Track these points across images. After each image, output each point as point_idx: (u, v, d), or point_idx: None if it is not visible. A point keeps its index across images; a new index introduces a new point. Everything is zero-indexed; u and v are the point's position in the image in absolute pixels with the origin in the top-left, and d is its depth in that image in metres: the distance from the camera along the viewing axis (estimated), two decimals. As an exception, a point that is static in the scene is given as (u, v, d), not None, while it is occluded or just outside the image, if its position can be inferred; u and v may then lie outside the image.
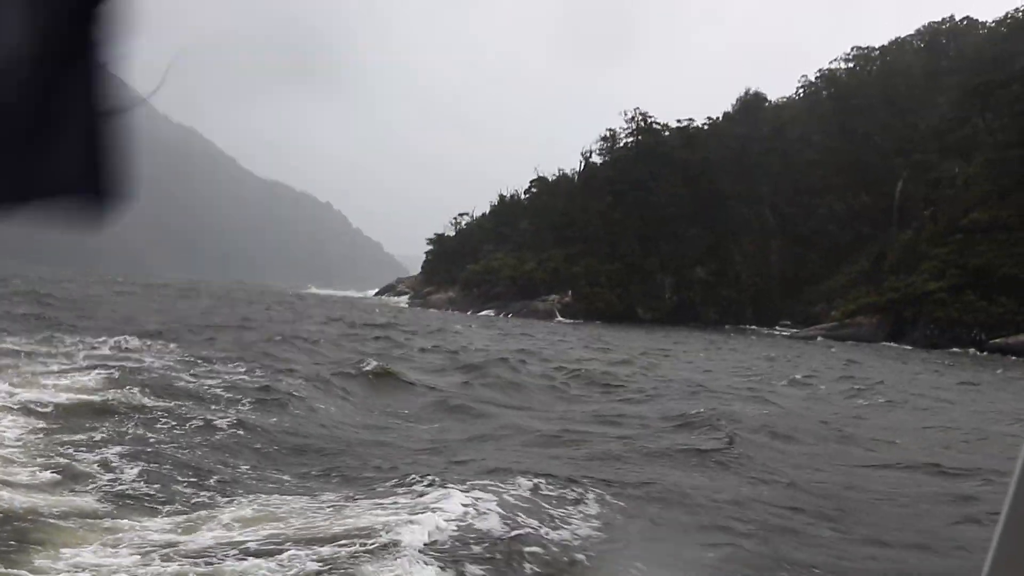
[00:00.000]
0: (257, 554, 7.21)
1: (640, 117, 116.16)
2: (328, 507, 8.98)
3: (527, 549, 7.81)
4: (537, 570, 7.47)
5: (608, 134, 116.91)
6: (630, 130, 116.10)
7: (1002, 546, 1.27)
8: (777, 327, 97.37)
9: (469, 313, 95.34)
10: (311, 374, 19.70)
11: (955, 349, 73.55)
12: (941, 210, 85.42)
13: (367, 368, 21.32)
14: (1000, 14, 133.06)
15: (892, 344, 76.85)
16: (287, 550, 7.28)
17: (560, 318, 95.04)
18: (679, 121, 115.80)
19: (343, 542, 7.54)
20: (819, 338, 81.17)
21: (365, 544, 7.47)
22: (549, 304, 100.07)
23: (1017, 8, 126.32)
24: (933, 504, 11.17)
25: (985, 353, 70.89)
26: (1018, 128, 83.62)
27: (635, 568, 7.69)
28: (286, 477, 10.59)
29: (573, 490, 10.14)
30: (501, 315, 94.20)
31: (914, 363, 49.80)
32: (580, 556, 7.87)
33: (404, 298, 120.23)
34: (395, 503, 9.12)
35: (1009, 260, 76.20)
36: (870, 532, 9.65)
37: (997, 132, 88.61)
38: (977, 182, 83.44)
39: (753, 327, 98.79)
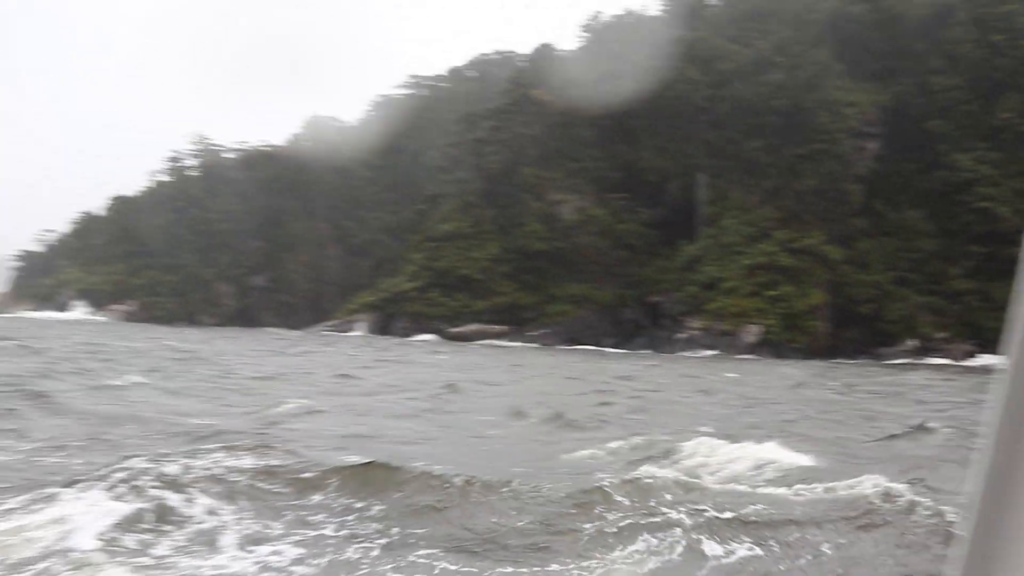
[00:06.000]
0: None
1: (201, 139, 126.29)
2: None
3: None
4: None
5: (174, 155, 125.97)
6: (194, 151, 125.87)
7: None
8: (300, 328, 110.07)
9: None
10: None
11: (426, 337, 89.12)
12: (423, 223, 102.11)
13: None
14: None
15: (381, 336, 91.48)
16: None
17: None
18: (237, 143, 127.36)
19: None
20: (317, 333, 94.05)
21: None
22: (116, 313, 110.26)
23: (545, 44, 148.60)
24: None
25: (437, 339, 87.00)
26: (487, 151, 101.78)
27: None
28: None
29: None
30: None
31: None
32: None
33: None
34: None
35: (465, 262, 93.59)
36: None
37: (480, 156, 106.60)
38: (447, 199, 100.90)
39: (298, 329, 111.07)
